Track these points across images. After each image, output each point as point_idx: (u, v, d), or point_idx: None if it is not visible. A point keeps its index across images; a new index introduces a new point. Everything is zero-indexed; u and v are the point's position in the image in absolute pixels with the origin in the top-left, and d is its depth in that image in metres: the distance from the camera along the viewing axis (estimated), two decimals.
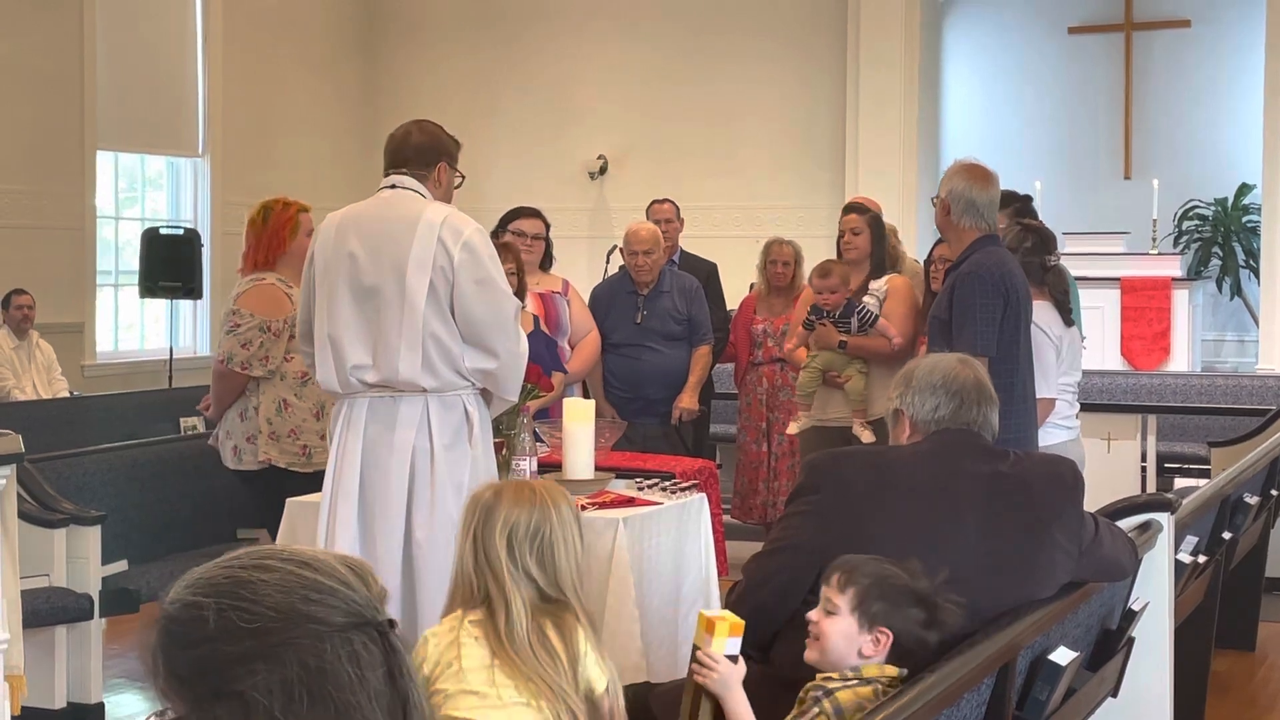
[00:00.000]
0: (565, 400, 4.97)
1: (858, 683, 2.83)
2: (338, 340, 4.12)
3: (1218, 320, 13.31)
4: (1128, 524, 3.90)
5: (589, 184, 13.23)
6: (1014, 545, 3.19)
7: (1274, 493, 6.21)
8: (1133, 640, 3.89)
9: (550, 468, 4.78)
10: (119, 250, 11.82)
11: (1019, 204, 6.09)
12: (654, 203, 7.91)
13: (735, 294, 8.28)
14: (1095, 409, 7.54)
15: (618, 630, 4.17)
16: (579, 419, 4.70)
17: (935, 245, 6.27)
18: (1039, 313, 5.15)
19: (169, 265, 10.79)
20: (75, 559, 5.37)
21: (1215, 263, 13.12)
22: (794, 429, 6.56)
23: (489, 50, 13.39)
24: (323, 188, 11.41)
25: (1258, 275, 11.97)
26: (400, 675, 1.47)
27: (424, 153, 4.27)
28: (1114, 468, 7.41)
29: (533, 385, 4.81)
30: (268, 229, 5.37)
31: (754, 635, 3.13)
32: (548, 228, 6.56)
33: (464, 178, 4.42)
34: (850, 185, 11.88)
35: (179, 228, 11.47)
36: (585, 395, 6.44)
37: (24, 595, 4.59)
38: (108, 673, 5.53)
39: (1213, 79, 13.27)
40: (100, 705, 5.44)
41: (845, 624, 2.88)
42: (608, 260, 8.05)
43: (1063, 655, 3.19)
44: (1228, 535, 5.30)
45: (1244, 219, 12.96)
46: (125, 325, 12.02)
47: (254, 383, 5.22)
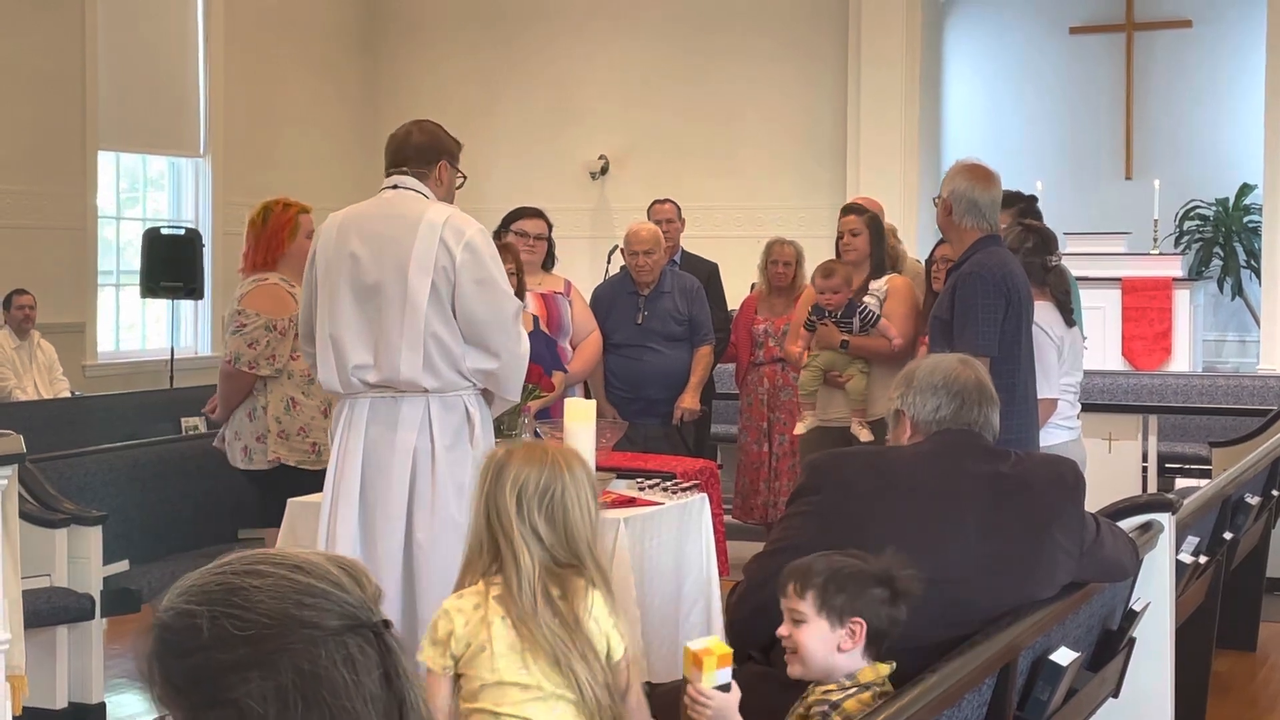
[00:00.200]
0: (566, 400, 4.97)
1: (857, 690, 2.83)
2: (339, 340, 4.12)
3: (1219, 320, 13.30)
4: (1129, 524, 3.90)
5: (590, 184, 13.23)
6: (1015, 546, 3.19)
7: (1275, 493, 6.21)
8: (1134, 641, 3.89)
9: None
10: (120, 250, 11.82)
11: (1023, 204, 6.09)
12: (655, 203, 7.91)
13: (736, 294, 8.28)
14: (1096, 409, 7.54)
15: None
16: (580, 419, 4.69)
17: (937, 245, 6.27)
18: (1040, 313, 5.15)
19: (170, 265, 10.79)
20: (76, 559, 5.37)
21: (1216, 263, 13.12)
22: (800, 429, 6.54)
23: (490, 50, 13.39)
24: (324, 187, 11.41)
25: (1259, 275, 11.96)
26: (396, 676, 1.46)
27: (424, 152, 4.27)
28: (1115, 468, 7.41)
29: (534, 385, 4.81)
30: (267, 230, 5.37)
31: (755, 636, 3.13)
32: (550, 228, 6.56)
33: (465, 178, 4.43)
34: (851, 185, 11.88)
35: (180, 228, 11.47)
36: (586, 395, 6.44)
37: (25, 595, 4.59)
38: (109, 673, 5.53)
39: (1214, 79, 13.26)
40: (101, 705, 5.44)
41: (816, 627, 2.87)
42: (609, 260, 8.05)
43: (1064, 655, 3.19)
44: (1229, 535, 5.30)
45: (1245, 219, 12.95)
46: (126, 325, 12.02)
47: (261, 382, 5.23)
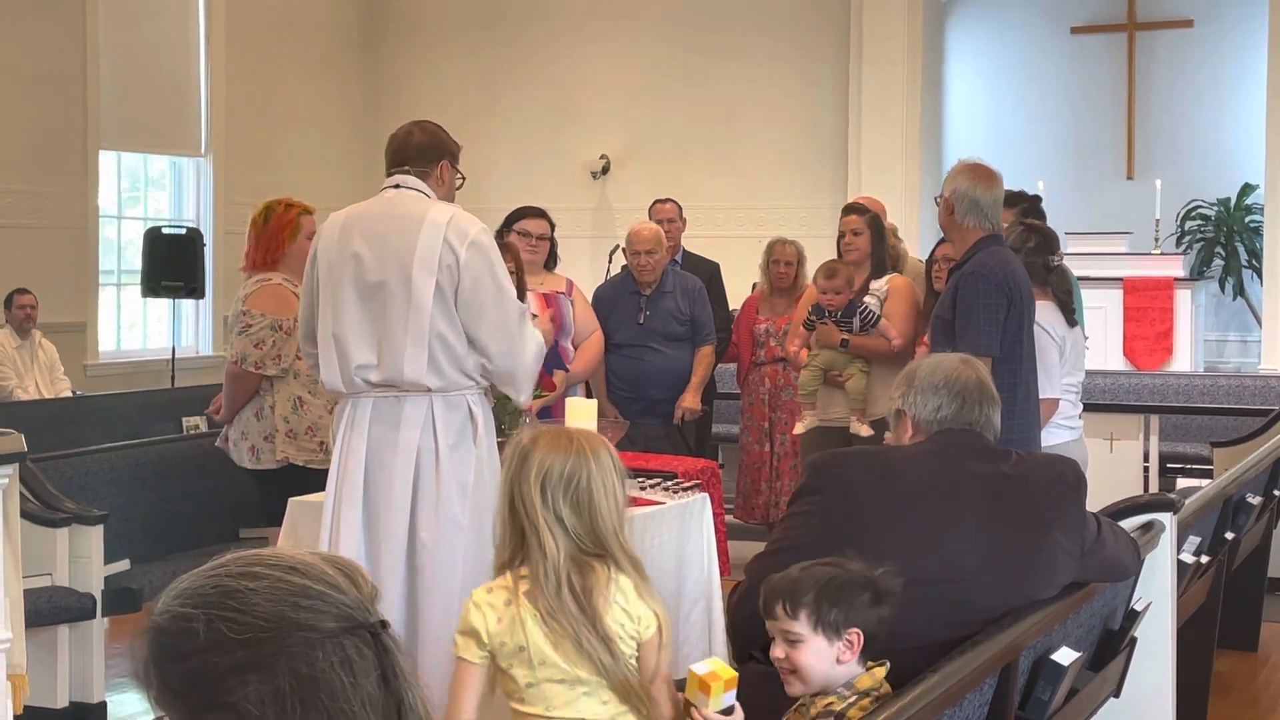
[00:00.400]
0: (568, 400, 4.97)
1: (856, 697, 2.83)
2: (342, 340, 4.12)
3: (1220, 320, 13.30)
4: (1130, 524, 3.90)
5: (591, 183, 13.23)
6: (1016, 545, 3.19)
7: (1277, 493, 6.21)
8: (1135, 640, 3.89)
9: None
10: (121, 250, 11.83)
11: (1027, 204, 6.09)
12: (656, 202, 7.91)
13: (737, 294, 8.27)
14: (1098, 409, 7.54)
15: None
16: (581, 418, 4.69)
17: (937, 245, 6.27)
18: (1042, 313, 5.15)
19: (171, 265, 10.80)
20: (78, 558, 5.37)
21: (1218, 263, 13.11)
22: (800, 429, 6.55)
23: (491, 50, 13.39)
24: (325, 187, 11.41)
25: (1260, 275, 11.96)
26: (394, 677, 1.45)
27: (426, 151, 4.27)
28: (1117, 468, 7.41)
29: (536, 385, 4.81)
30: (268, 230, 5.37)
31: (756, 636, 3.13)
32: (552, 227, 6.56)
33: (464, 178, 4.43)
34: (853, 185, 11.88)
35: (181, 227, 11.47)
36: (588, 395, 6.44)
37: (26, 594, 4.59)
38: (110, 672, 5.52)
39: (1215, 79, 13.26)
40: (102, 705, 5.44)
41: (814, 646, 2.85)
42: (610, 260, 8.05)
43: (1065, 655, 3.19)
44: (1230, 535, 5.30)
45: (1247, 219, 12.95)
46: (128, 325, 12.03)
47: (268, 382, 5.23)
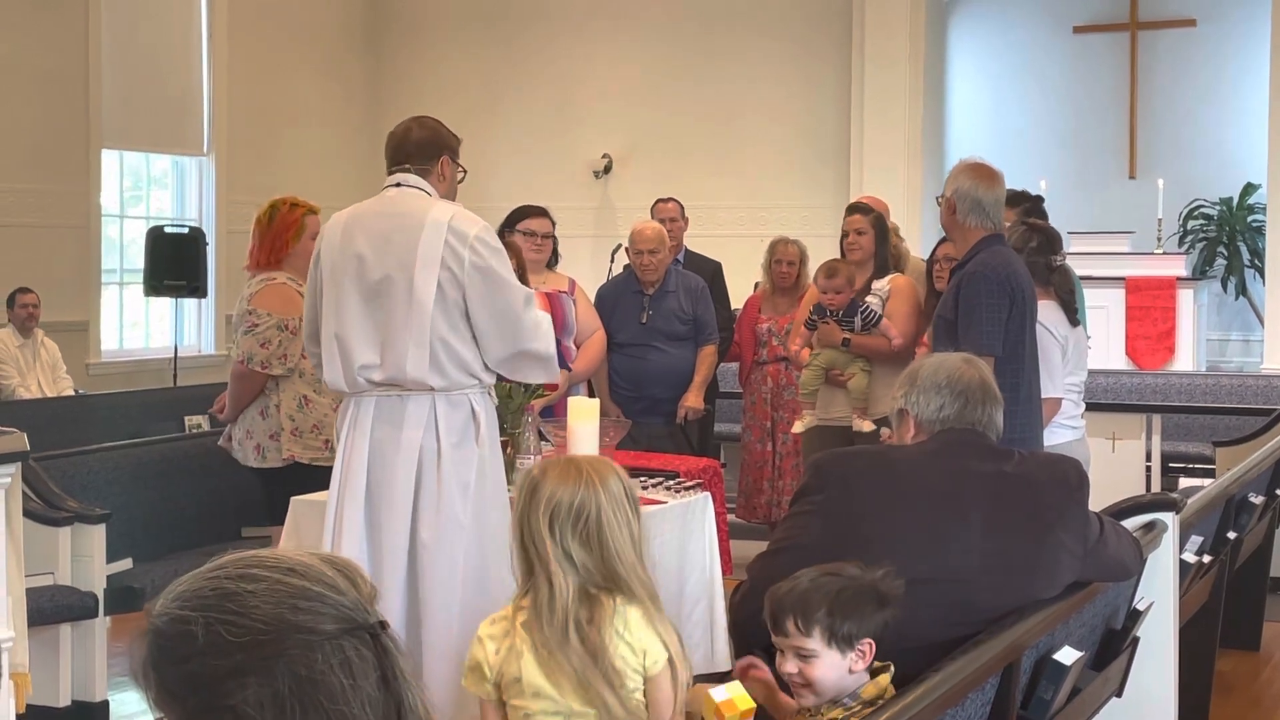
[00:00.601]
0: (570, 399, 4.97)
1: (860, 707, 2.83)
2: (345, 339, 4.12)
3: (1223, 320, 13.29)
4: (1133, 524, 3.90)
5: (593, 182, 13.23)
6: (1018, 545, 3.19)
7: (1279, 492, 6.20)
8: (1137, 640, 3.89)
9: None
10: (124, 249, 11.83)
11: (1029, 204, 6.09)
12: (658, 201, 7.91)
13: (740, 293, 8.28)
14: (1100, 409, 7.53)
15: None
16: (584, 418, 4.69)
17: (939, 244, 6.27)
18: (1044, 312, 5.14)
19: (174, 264, 10.80)
20: (80, 557, 5.37)
21: (1220, 262, 13.10)
22: (799, 428, 6.56)
23: (493, 49, 13.39)
24: (327, 186, 11.41)
25: (1263, 275, 11.95)
26: (394, 678, 1.45)
27: (425, 147, 4.27)
28: (1119, 467, 7.41)
29: (538, 383, 4.82)
30: (272, 229, 5.37)
31: (758, 635, 3.13)
32: (553, 226, 6.56)
33: (466, 172, 4.42)
34: (855, 184, 11.88)
35: (184, 226, 11.47)
36: (590, 394, 6.44)
37: (29, 593, 4.59)
38: (112, 671, 5.53)
39: (1218, 78, 13.25)
40: (105, 703, 5.45)
41: (829, 660, 2.85)
42: (612, 259, 8.05)
43: (1067, 655, 3.19)
44: (1232, 535, 5.30)
45: (1249, 218, 12.94)
46: (130, 324, 12.03)
47: (273, 381, 5.23)
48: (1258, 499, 5.69)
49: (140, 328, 12.13)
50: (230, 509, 6.20)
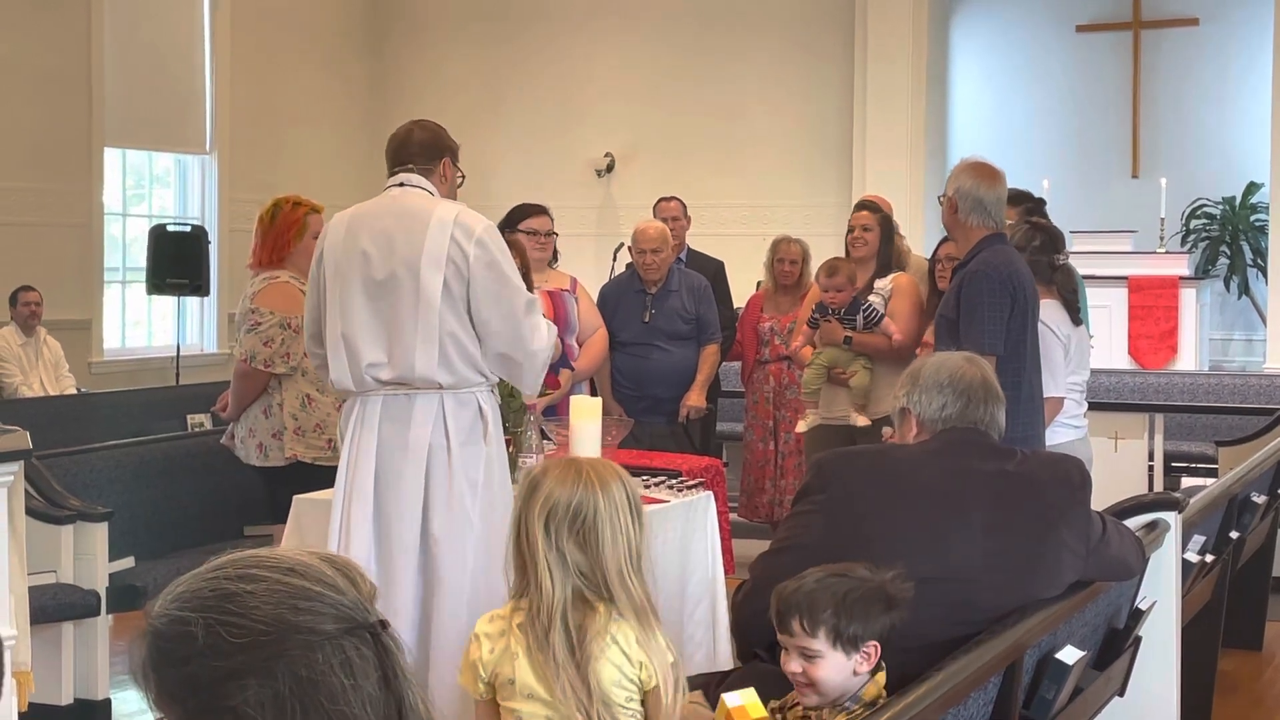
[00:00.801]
0: (572, 398, 4.97)
1: (862, 710, 2.82)
2: (352, 339, 4.11)
3: (1225, 319, 13.28)
4: (1135, 523, 3.90)
5: (596, 181, 13.23)
6: (1021, 544, 3.19)
7: None
8: (1139, 639, 3.89)
9: None
10: (126, 247, 11.84)
11: (1030, 204, 6.08)
12: (661, 200, 7.91)
13: (742, 292, 8.27)
14: (1103, 408, 7.53)
15: None
16: (586, 416, 4.69)
17: (940, 244, 6.27)
18: (1047, 311, 5.14)
19: (176, 262, 10.81)
20: (82, 555, 5.38)
21: (1223, 261, 13.08)
22: (802, 427, 6.57)
23: (495, 47, 13.39)
24: (329, 185, 11.41)
25: (1265, 274, 11.94)
26: (395, 677, 1.44)
27: (428, 148, 4.28)
28: (1121, 467, 7.41)
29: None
30: (274, 228, 5.38)
31: (760, 634, 3.13)
32: (553, 223, 6.56)
33: (464, 176, 4.43)
34: (857, 183, 11.88)
35: (186, 224, 11.48)
36: (592, 393, 6.44)
37: (31, 591, 4.59)
38: (114, 669, 5.53)
39: (1221, 77, 13.24)
40: (107, 701, 5.45)
41: (833, 661, 2.84)
42: (614, 258, 8.05)
43: (1069, 654, 3.19)
44: (1235, 534, 5.30)
45: (1252, 218, 12.92)
46: (132, 322, 12.04)
47: (276, 380, 5.23)
48: (1260, 498, 5.68)
49: (142, 326, 12.14)
50: (232, 508, 6.20)
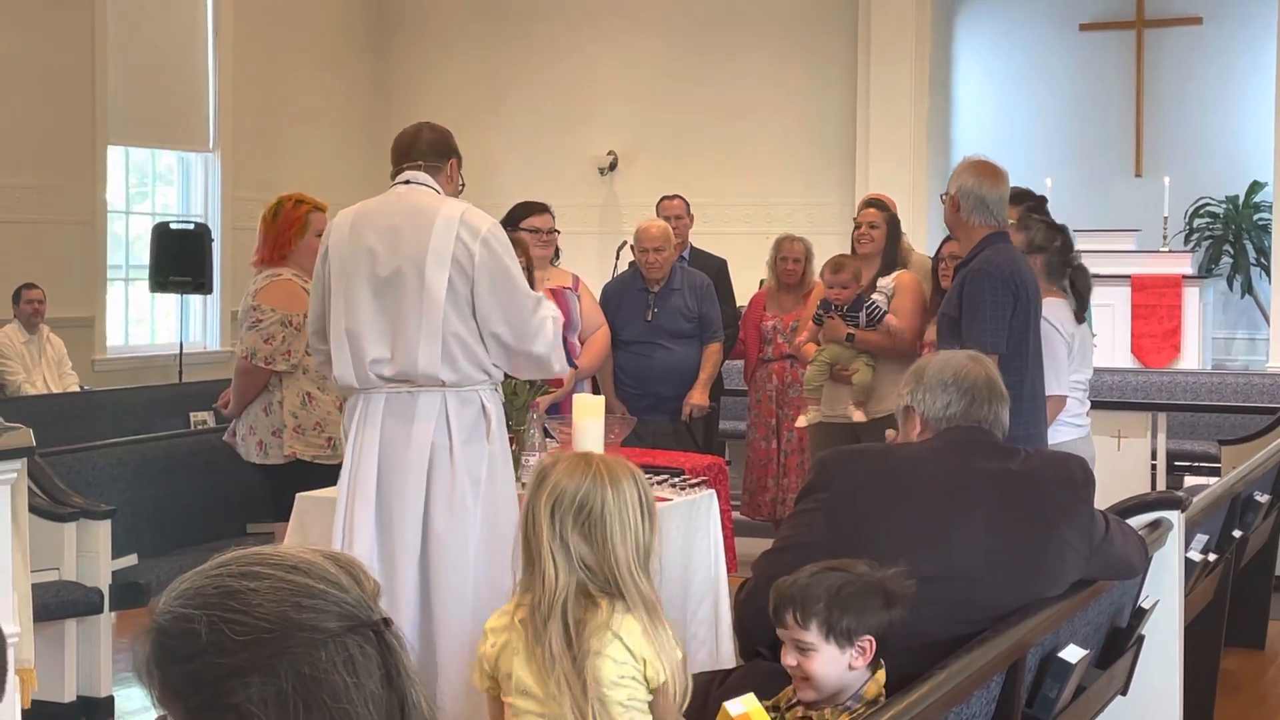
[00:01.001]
0: (575, 396, 4.97)
1: (864, 708, 2.83)
2: (355, 335, 4.12)
3: (1228, 318, 13.27)
4: (1138, 522, 3.90)
5: (599, 180, 13.23)
6: (1024, 543, 3.19)
7: None
8: (1142, 638, 3.89)
9: None
10: (129, 245, 11.84)
11: (1031, 202, 6.08)
12: (664, 198, 7.91)
13: (745, 290, 8.27)
14: (1105, 406, 7.54)
15: None
16: (589, 415, 4.69)
17: (944, 243, 6.27)
18: (1053, 309, 5.14)
19: (179, 260, 10.81)
20: (85, 553, 5.38)
21: (1226, 260, 13.08)
22: (803, 422, 6.58)
23: (498, 46, 13.39)
24: (332, 183, 11.41)
25: (1269, 273, 11.93)
26: (397, 675, 1.44)
27: (437, 147, 4.30)
28: (1124, 465, 7.41)
29: (543, 381, 4.82)
30: (276, 226, 5.39)
31: (763, 633, 3.13)
32: (554, 221, 6.56)
33: (464, 185, 4.43)
34: (860, 182, 11.87)
35: (189, 222, 11.48)
36: (594, 391, 6.44)
37: (34, 589, 4.60)
38: (117, 666, 5.54)
39: (1224, 76, 13.22)
40: (110, 699, 5.46)
41: (827, 654, 2.84)
42: (617, 256, 8.05)
43: (1072, 653, 3.19)
44: (1238, 533, 5.29)
45: (1255, 216, 12.91)
46: (136, 320, 12.04)
47: (277, 377, 5.24)
48: (1263, 497, 5.68)
49: (146, 324, 12.14)
50: (235, 505, 6.21)
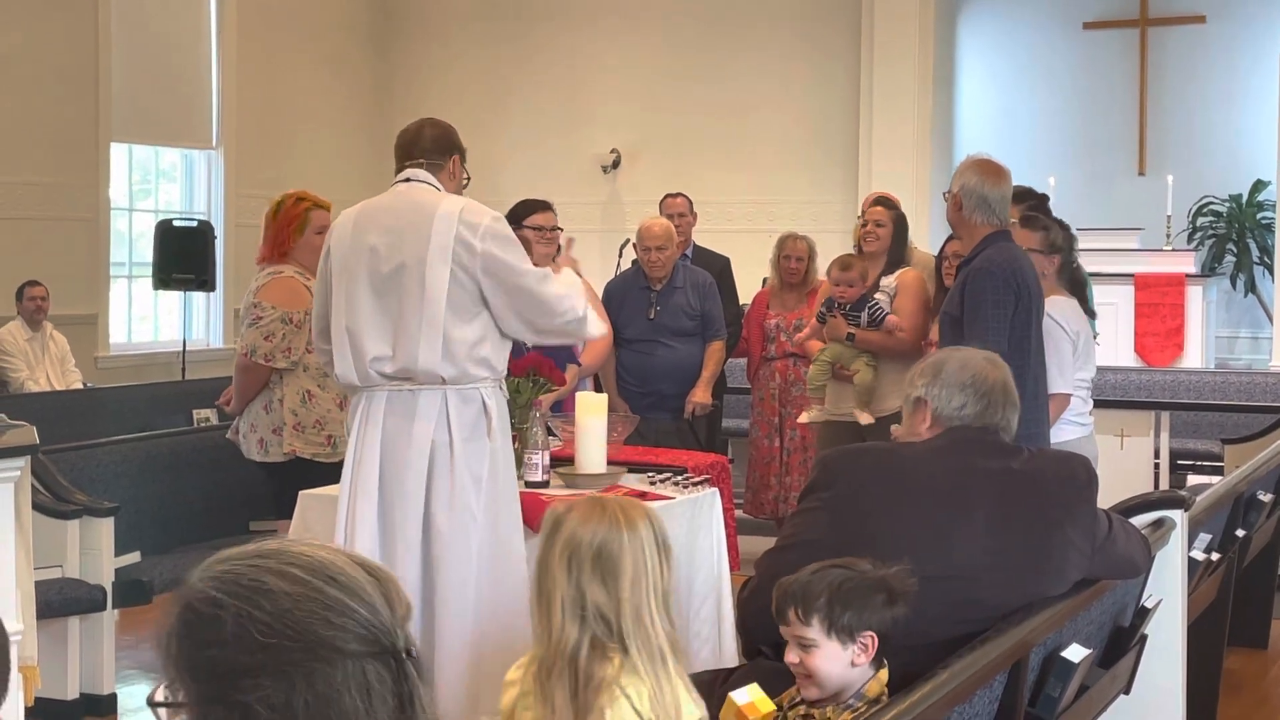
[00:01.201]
0: (577, 394, 4.98)
1: (866, 706, 2.83)
2: (355, 333, 4.12)
3: (1231, 317, 13.26)
4: (1141, 521, 3.89)
5: (602, 178, 13.23)
6: (1026, 542, 3.18)
7: None
8: (1145, 638, 3.88)
9: (562, 462, 4.79)
10: (133, 242, 11.84)
11: (1033, 200, 6.08)
12: (667, 197, 7.90)
13: (748, 288, 8.27)
14: (1109, 405, 7.53)
15: None
16: (591, 413, 4.70)
17: (948, 241, 6.26)
18: (1059, 308, 5.13)
19: (182, 257, 10.82)
20: (88, 550, 5.38)
21: (1229, 259, 13.07)
22: (805, 419, 6.58)
23: (501, 44, 13.39)
24: (335, 181, 11.40)
25: (1272, 272, 11.93)
26: (410, 705, 1.44)
27: (439, 143, 4.30)
28: (1127, 464, 7.41)
29: (545, 379, 4.82)
30: (276, 223, 5.40)
31: (765, 632, 3.13)
32: (556, 218, 6.56)
33: (469, 178, 4.44)
34: (864, 180, 11.87)
35: (192, 220, 11.48)
36: (597, 389, 6.44)
37: (37, 586, 4.60)
38: (120, 664, 5.55)
39: (1227, 75, 13.21)
40: (113, 696, 5.46)
41: (829, 651, 2.84)
42: (620, 255, 8.05)
43: (1075, 652, 3.19)
44: (1241, 533, 5.29)
45: (1258, 215, 12.91)
46: (139, 317, 12.05)
47: (277, 375, 5.24)
48: (1266, 497, 5.67)
49: (149, 321, 12.15)
50: (238, 502, 6.21)
